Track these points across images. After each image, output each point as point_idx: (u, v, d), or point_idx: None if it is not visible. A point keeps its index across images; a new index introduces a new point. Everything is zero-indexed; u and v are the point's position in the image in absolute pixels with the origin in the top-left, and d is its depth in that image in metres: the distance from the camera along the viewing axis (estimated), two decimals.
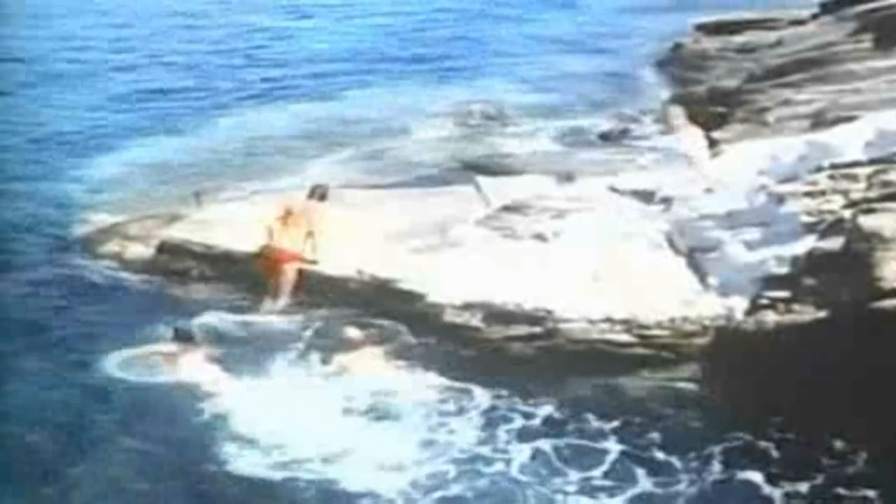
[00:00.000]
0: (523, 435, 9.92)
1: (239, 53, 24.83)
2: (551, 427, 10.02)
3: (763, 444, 9.67)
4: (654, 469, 9.39)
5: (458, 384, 10.67)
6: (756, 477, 9.22)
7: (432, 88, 21.27)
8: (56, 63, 23.58)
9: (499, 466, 9.48)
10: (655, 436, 9.82)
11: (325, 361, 11.02)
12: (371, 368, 10.97)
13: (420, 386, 10.67)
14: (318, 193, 12.93)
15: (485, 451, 9.69)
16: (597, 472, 9.39)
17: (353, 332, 11.51)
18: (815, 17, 20.50)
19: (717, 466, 9.41)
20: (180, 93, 21.51)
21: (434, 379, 10.80)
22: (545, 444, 9.76)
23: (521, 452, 9.67)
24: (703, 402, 10.36)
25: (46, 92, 21.23)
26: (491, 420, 10.15)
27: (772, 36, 20.52)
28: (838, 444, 9.52)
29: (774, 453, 9.56)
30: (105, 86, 21.97)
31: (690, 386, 10.57)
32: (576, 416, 10.15)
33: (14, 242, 14.03)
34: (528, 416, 10.22)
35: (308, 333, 11.51)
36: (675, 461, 9.48)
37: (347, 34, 26.50)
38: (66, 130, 18.84)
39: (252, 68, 23.39)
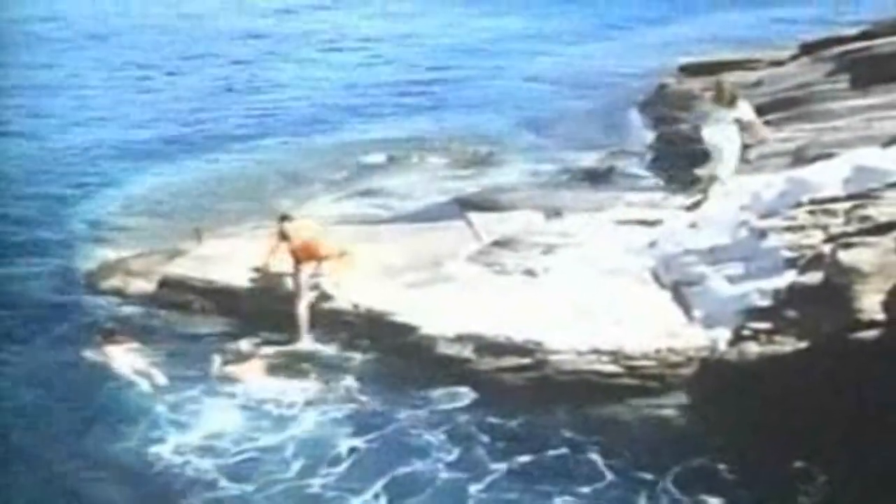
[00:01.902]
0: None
1: (237, 90, 25.00)
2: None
3: (739, 469, 10.00)
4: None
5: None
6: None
7: (425, 125, 21.60)
8: (56, 99, 23.77)
9: None
10: (641, 460, 10.16)
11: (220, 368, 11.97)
12: (255, 378, 11.72)
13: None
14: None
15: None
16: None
17: (244, 345, 12.25)
18: (793, 58, 20.91)
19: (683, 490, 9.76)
20: (179, 128, 21.79)
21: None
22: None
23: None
24: (687, 430, 10.68)
25: (46, 129, 21.46)
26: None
27: (752, 76, 20.86)
28: (818, 472, 9.83)
29: (751, 479, 9.85)
30: (101, 122, 22.24)
31: (676, 414, 10.89)
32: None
33: (18, 278, 14.34)
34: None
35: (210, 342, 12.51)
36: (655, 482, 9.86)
37: (342, 70, 26.70)
38: (66, 167, 19.16)
39: (250, 105, 23.58)
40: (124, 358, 11.98)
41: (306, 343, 12.39)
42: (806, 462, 9.93)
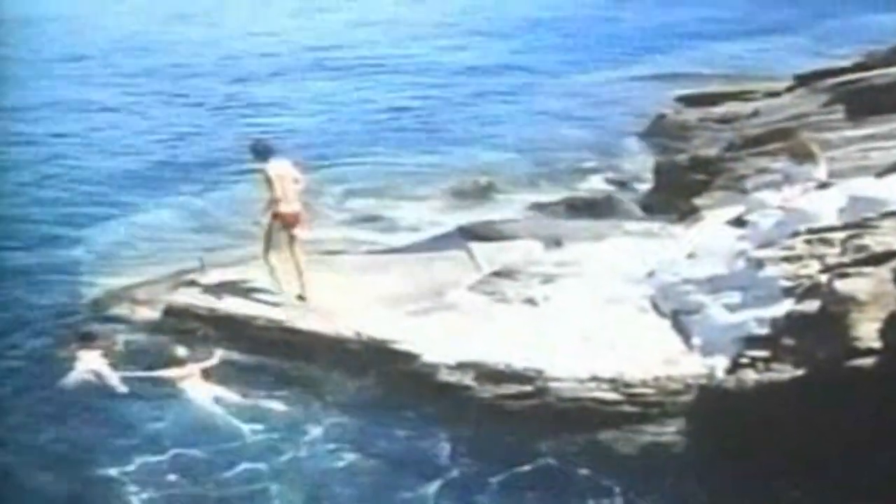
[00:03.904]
0: None
1: (238, 122, 25.05)
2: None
3: (737, 496, 10.13)
4: None
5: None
6: None
7: (426, 157, 21.70)
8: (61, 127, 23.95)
9: None
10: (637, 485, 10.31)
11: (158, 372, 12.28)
12: (190, 385, 11.96)
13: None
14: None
15: None
16: None
17: (180, 350, 12.46)
18: (789, 89, 21.07)
19: None
20: (182, 156, 21.95)
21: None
22: None
23: None
24: (686, 457, 10.80)
25: (50, 157, 21.63)
26: None
27: (749, 107, 21.05)
28: (813, 498, 9.94)
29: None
30: (107, 150, 22.40)
31: (675, 441, 11.00)
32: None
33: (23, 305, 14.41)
34: None
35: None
36: None
37: (344, 103, 26.87)
38: (71, 194, 19.34)
39: (251, 130, 23.62)
40: (91, 363, 12.13)
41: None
42: (802, 489, 9.99)
